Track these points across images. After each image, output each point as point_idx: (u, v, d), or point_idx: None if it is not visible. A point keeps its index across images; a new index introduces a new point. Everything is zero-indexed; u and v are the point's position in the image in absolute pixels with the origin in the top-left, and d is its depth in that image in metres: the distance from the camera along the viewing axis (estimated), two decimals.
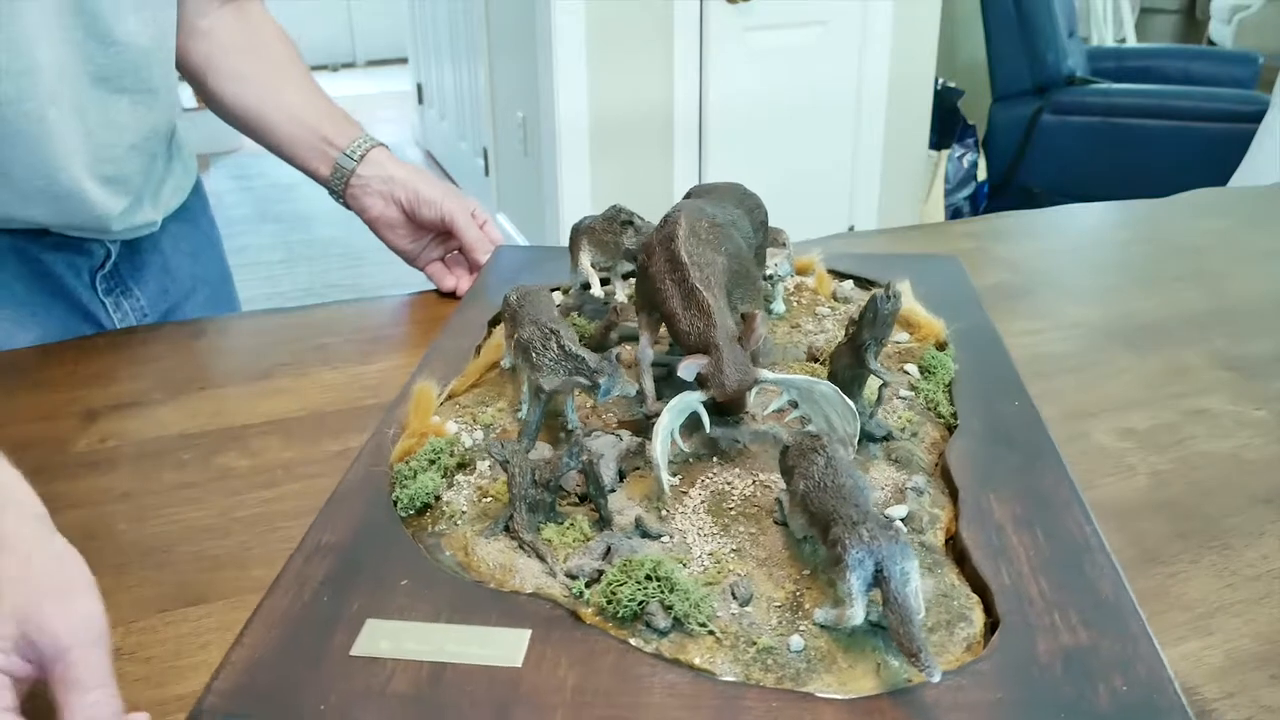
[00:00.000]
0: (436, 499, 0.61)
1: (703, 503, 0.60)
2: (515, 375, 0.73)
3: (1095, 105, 3.70)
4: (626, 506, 0.59)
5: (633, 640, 0.49)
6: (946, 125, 3.61)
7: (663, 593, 0.49)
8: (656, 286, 0.64)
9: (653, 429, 0.59)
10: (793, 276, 0.89)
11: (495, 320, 0.85)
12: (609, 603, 0.50)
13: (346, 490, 0.62)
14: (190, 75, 1.05)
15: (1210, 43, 5.73)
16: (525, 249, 1.06)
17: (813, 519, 0.51)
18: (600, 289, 0.84)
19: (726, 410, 0.65)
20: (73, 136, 0.87)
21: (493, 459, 0.59)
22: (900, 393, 0.71)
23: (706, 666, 0.47)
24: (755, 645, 0.48)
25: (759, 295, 0.69)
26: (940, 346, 0.77)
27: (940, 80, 3.52)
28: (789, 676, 0.46)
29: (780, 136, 3.16)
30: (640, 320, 0.68)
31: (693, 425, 0.63)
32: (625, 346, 0.79)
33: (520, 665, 0.47)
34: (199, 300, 1.11)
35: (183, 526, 0.67)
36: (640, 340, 0.68)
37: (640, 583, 0.50)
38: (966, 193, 3.73)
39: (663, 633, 0.49)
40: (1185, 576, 0.61)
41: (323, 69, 7.09)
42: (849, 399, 0.62)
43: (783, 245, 0.84)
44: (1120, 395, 0.83)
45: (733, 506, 0.59)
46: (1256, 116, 3.30)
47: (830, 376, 0.65)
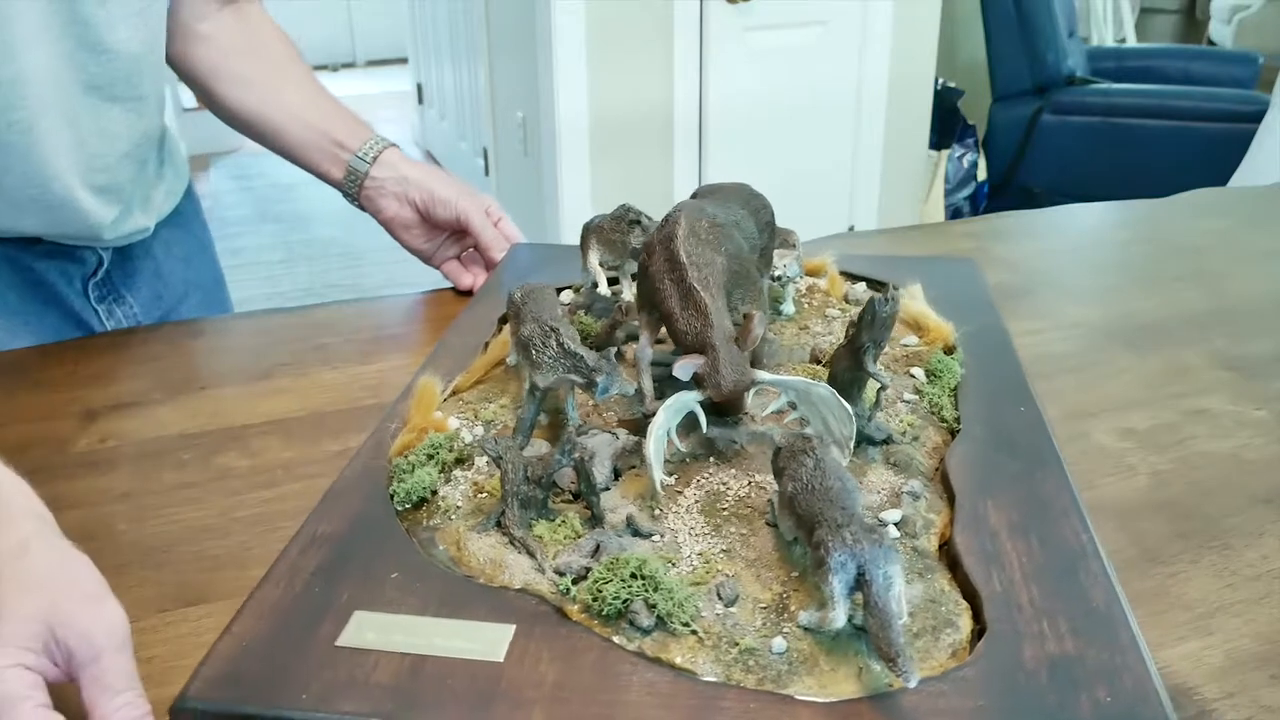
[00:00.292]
0: (433, 493, 0.62)
1: (696, 502, 0.59)
2: (519, 372, 0.73)
3: (1095, 105, 3.70)
4: (620, 505, 0.59)
5: (616, 638, 0.49)
6: (946, 125, 3.61)
7: (647, 591, 0.49)
8: (655, 286, 0.64)
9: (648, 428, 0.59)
10: (802, 278, 0.88)
11: (505, 318, 0.85)
12: (594, 600, 0.50)
13: (345, 483, 0.62)
14: (194, 81, 1.05)
15: (1210, 43, 5.74)
16: (540, 247, 1.06)
17: (799, 521, 0.51)
18: (607, 288, 0.85)
19: (725, 411, 0.65)
20: (64, 146, 0.87)
21: (487, 455, 0.59)
22: (904, 396, 0.70)
23: (687, 666, 0.47)
24: (737, 646, 0.48)
25: (760, 296, 0.69)
26: (949, 350, 0.77)
27: (940, 80, 3.52)
28: (770, 678, 0.46)
29: (780, 136, 3.17)
30: (640, 319, 0.68)
31: (690, 425, 0.63)
32: (631, 345, 0.79)
33: (502, 660, 0.47)
34: (192, 305, 1.11)
35: (182, 526, 0.67)
36: (640, 339, 0.67)
37: (625, 581, 0.50)
38: (966, 193, 3.74)
39: (646, 631, 0.49)
40: (1185, 576, 0.61)
41: (323, 69, 7.09)
42: (848, 401, 0.62)
43: (793, 247, 0.84)
44: (1120, 395, 0.83)
45: (726, 507, 0.59)
46: (1256, 116, 3.30)
47: (830, 379, 0.65)
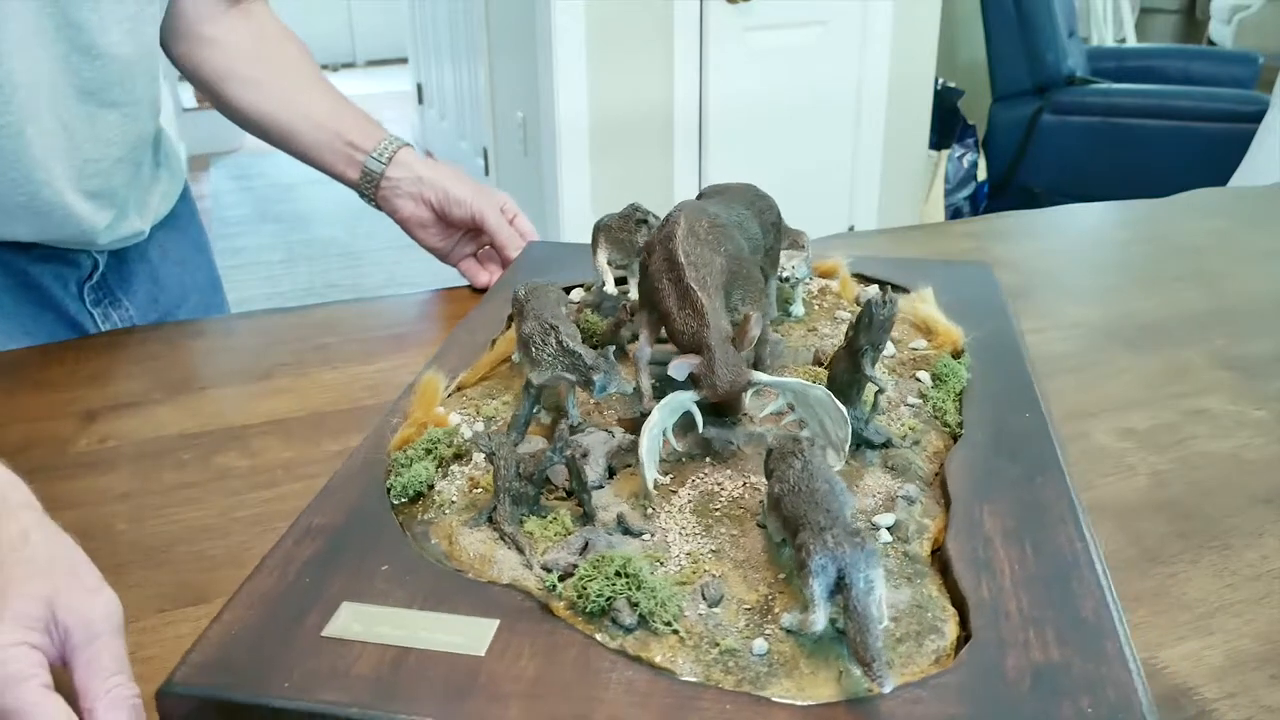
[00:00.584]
0: (430, 488, 0.62)
1: (689, 502, 0.59)
2: (522, 369, 0.73)
3: (1095, 105, 3.70)
4: (612, 503, 0.59)
5: (598, 636, 0.49)
6: (946, 125, 3.61)
7: (630, 590, 0.49)
8: (654, 285, 0.64)
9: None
10: (811, 279, 0.88)
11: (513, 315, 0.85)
12: (579, 597, 0.50)
13: (344, 476, 0.63)
14: (204, 84, 1.05)
15: (1210, 43, 5.74)
16: (556, 245, 1.06)
17: (786, 522, 0.51)
18: (614, 286, 0.85)
19: (723, 411, 0.65)
20: (56, 151, 0.86)
21: (480, 450, 0.60)
22: (908, 400, 0.70)
23: (667, 665, 0.47)
24: (718, 647, 0.48)
25: (761, 296, 0.69)
26: (957, 354, 0.76)
27: (940, 80, 3.52)
28: (748, 679, 0.46)
29: (780, 136, 3.17)
30: (641, 318, 0.68)
31: (688, 425, 0.63)
32: (635, 344, 0.79)
33: (483, 654, 0.47)
34: (189, 308, 1.10)
35: (182, 526, 0.67)
36: (639, 338, 0.67)
37: (609, 579, 0.50)
38: (966, 193, 3.74)
39: (628, 629, 0.49)
40: (1185, 576, 0.61)
41: (323, 69, 7.08)
42: (848, 404, 0.62)
43: (802, 248, 0.84)
44: (1120, 395, 0.83)
45: (719, 507, 0.59)
46: (1256, 116, 3.31)
47: (829, 381, 0.65)
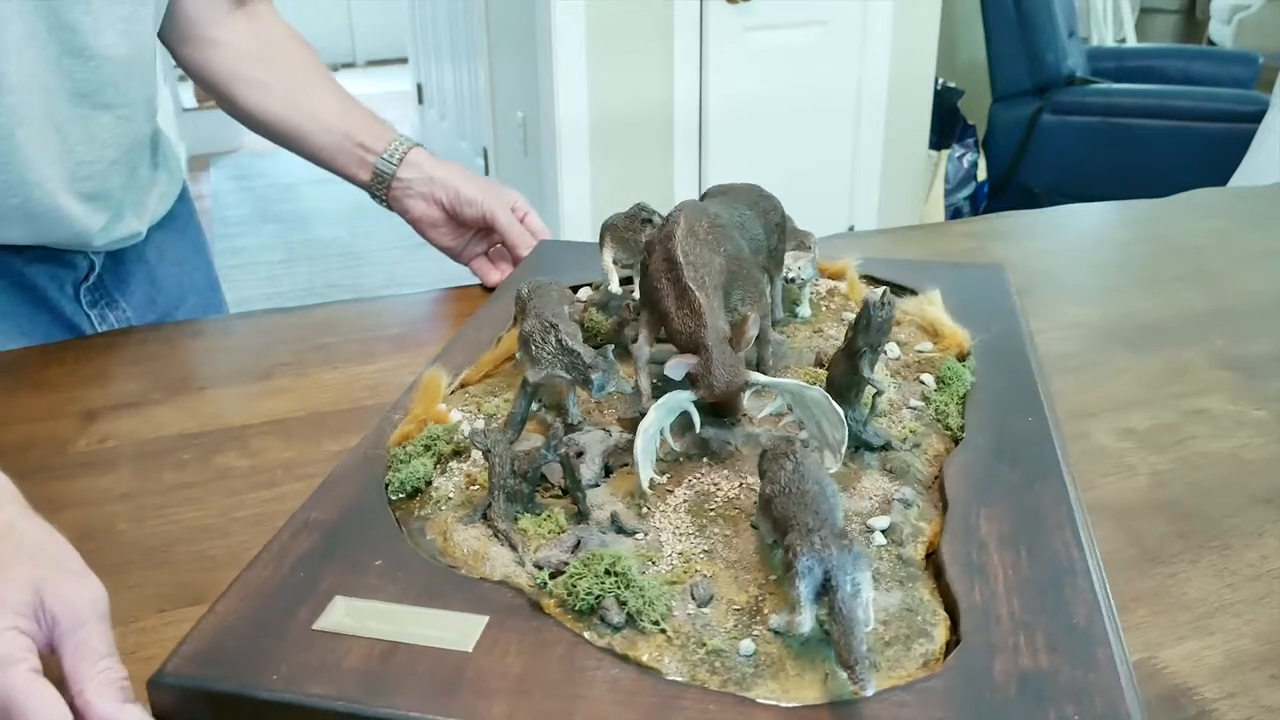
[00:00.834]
0: (428, 484, 0.62)
1: (685, 502, 0.59)
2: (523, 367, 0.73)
3: (1095, 105, 3.70)
4: (607, 501, 0.59)
5: (587, 633, 0.49)
6: (946, 125, 3.61)
7: (619, 589, 0.49)
8: (654, 285, 0.64)
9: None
10: (817, 280, 0.88)
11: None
12: (569, 595, 0.50)
13: (343, 471, 0.63)
14: (211, 87, 1.05)
15: (1210, 43, 5.74)
16: (567, 243, 1.06)
17: (775, 524, 0.51)
18: (618, 285, 0.85)
19: (721, 412, 0.65)
20: (48, 154, 0.86)
21: (476, 447, 0.60)
22: (911, 402, 0.70)
23: (654, 664, 0.47)
24: (705, 647, 0.48)
25: (761, 297, 0.69)
26: (962, 357, 0.76)
27: (940, 80, 3.52)
28: (734, 680, 0.46)
29: (780, 136, 3.17)
30: (641, 318, 0.68)
31: (686, 424, 0.63)
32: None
33: (470, 650, 0.47)
34: (187, 309, 1.10)
35: (182, 526, 0.67)
36: (639, 338, 0.67)
37: (599, 577, 0.50)
38: (966, 193, 3.74)
39: (616, 628, 0.49)
40: (1185, 576, 0.61)
41: None
42: (846, 406, 0.62)
43: (808, 249, 0.84)
44: (1120, 395, 0.83)
45: (714, 508, 0.59)
46: (1256, 116, 3.31)
47: (828, 382, 0.65)
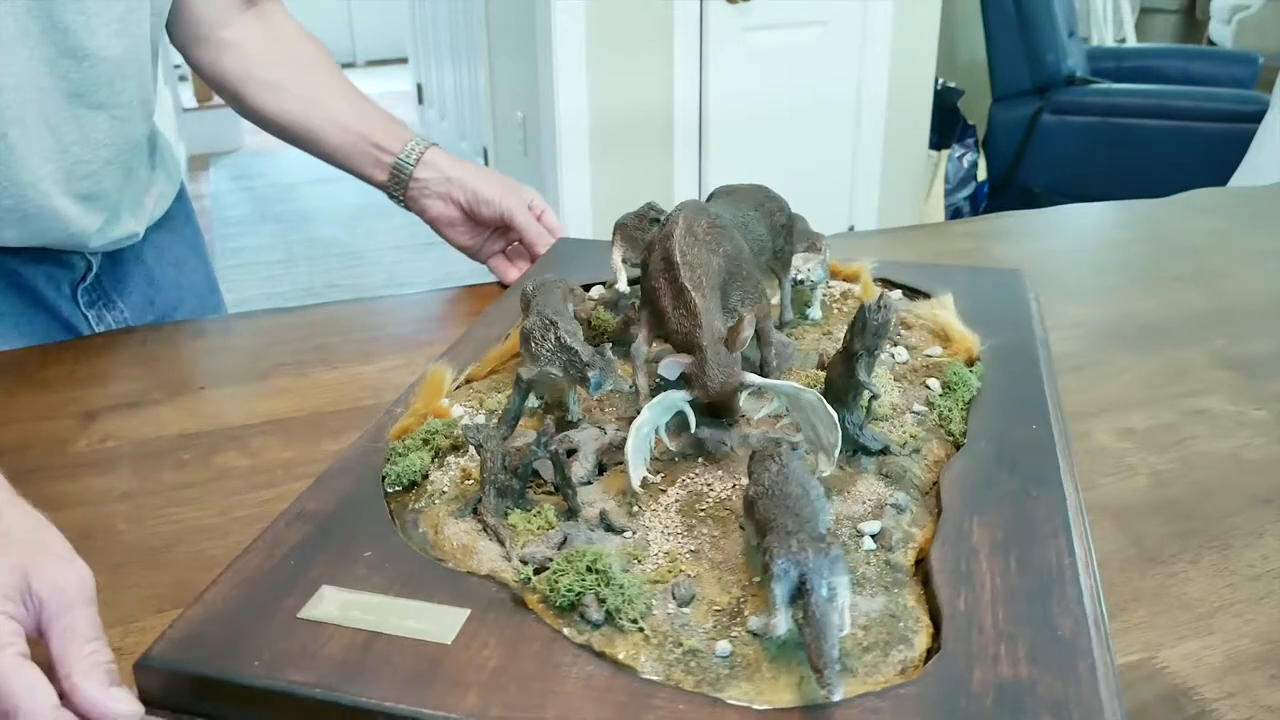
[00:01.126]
0: (424, 477, 0.62)
1: (676, 501, 0.59)
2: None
3: (1095, 105, 3.70)
4: (598, 499, 0.59)
5: (566, 630, 0.49)
6: (946, 125, 3.61)
7: (599, 586, 0.50)
8: (652, 284, 0.65)
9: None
10: (827, 282, 0.87)
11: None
12: (551, 591, 0.50)
13: (343, 463, 0.63)
14: (225, 89, 1.05)
15: (1210, 43, 5.74)
16: (583, 241, 1.06)
17: (758, 525, 0.51)
18: (626, 284, 0.85)
19: (718, 412, 0.65)
20: (42, 154, 0.86)
21: (469, 442, 0.60)
22: (914, 407, 0.70)
23: (629, 663, 0.47)
24: (682, 646, 0.48)
25: (761, 298, 0.69)
26: (970, 362, 0.75)
27: (940, 80, 3.52)
28: (708, 681, 0.46)
29: (780, 136, 3.17)
30: (641, 317, 0.68)
31: (683, 424, 0.63)
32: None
33: (449, 643, 0.48)
34: (185, 310, 1.10)
35: (182, 526, 0.67)
36: (638, 337, 0.67)
37: (580, 574, 0.50)
38: (966, 193, 3.74)
39: (595, 625, 0.49)
40: (1185, 576, 0.61)
41: None
42: (844, 409, 0.61)
43: (819, 251, 0.83)
44: (1120, 395, 0.83)
45: (705, 508, 0.59)
46: (1256, 116, 3.31)
47: (826, 384, 0.65)
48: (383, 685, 0.45)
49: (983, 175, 3.81)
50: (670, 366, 0.61)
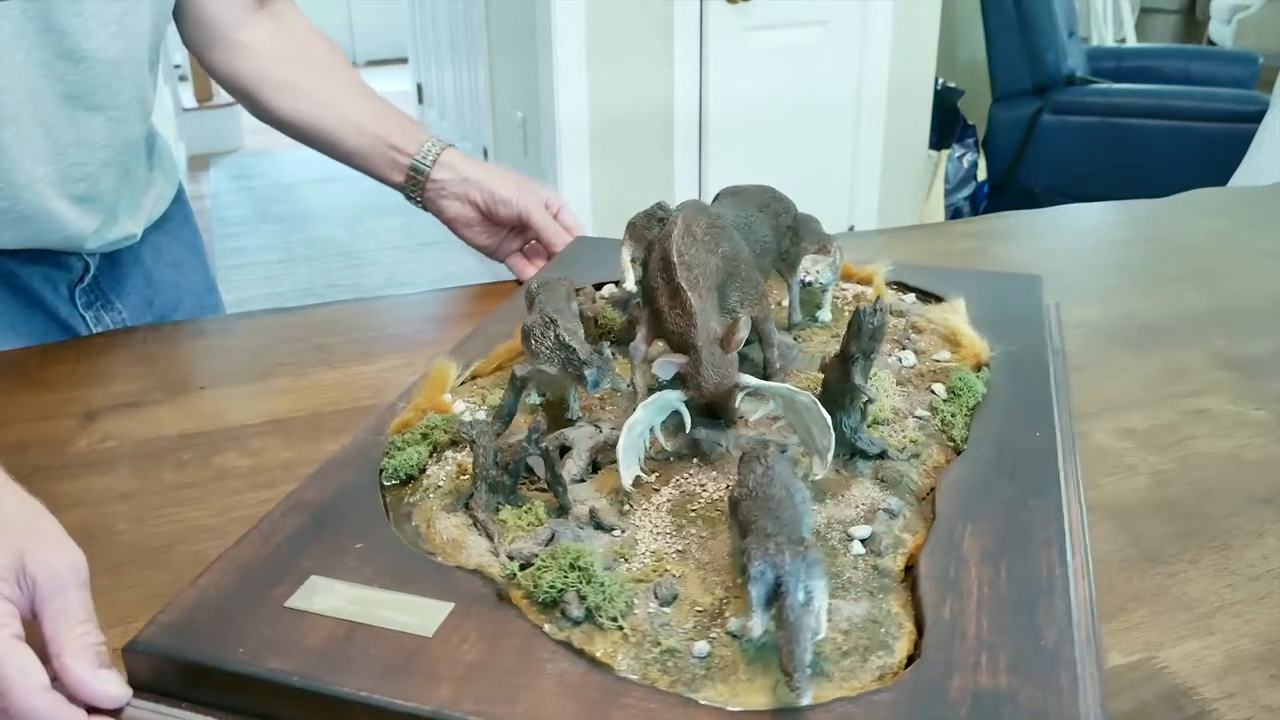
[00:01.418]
0: (421, 471, 0.62)
1: (668, 501, 0.59)
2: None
3: (1095, 105, 3.70)
4: (590, 497, 0.59)
5: (548, 626, 0.49)
6: (946, 125, 3.61)
7: (581, 583, 0.50)
8: (651, 284, 0.65)
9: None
10: (837, 284, 0.87)
11: None
12: (534, 587, 0.50)
13: (342, 456, 0.64)
14: (239, 91, 1.05)
15: (1210, 43, 5.74)
16: (600, 240, 1.05)
17: (741, 527, 0.51)
18: (633, 283, 0.85)
19: (714, 413, 0.65)
20: (37, 155, 0.86)
21: (462, 437, 0.60)
22: (916, 412, 0.69)
23: (606, 660, 0.47)
24: (660, 646, 0.48)
25: (761, 299, 0.69)
26: (978, 368, 0.74)
27: (940, 80, 3.52)
28: (683, 681, 0.46)
29: (780, 136, 3.17)
30: (641, 316, 0.68)
31: (680, 424, 0.63)
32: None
33: (430, 636, 0.48)
34: (184, 310, 1.10)
35: (182, 526, 0.67)
36: (636, 336, 0.68)
37: (563, 571, 0.50)
38: (966, 193, 3.74)
39: (576, 622, 0.49)
40: (1185, 576, 0.61)
41: None
42: (841, 412, 0.61)
43: (828, 253, 0.83)
44: (1120, 395, 0.83)
45: (696, 509, 0.59)
46: (1256, 116, 3.31)
47: (823, 387, 0.65)
48: (359, 675, 0.46)
49: (983, 175, 3.81)
50: (665, 366, 0.61)
